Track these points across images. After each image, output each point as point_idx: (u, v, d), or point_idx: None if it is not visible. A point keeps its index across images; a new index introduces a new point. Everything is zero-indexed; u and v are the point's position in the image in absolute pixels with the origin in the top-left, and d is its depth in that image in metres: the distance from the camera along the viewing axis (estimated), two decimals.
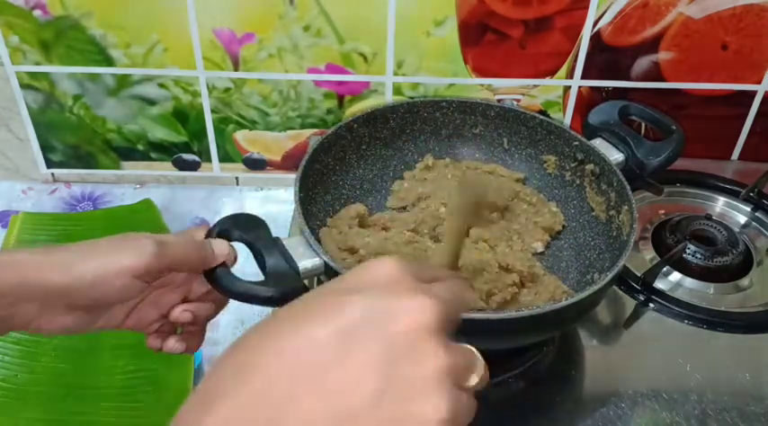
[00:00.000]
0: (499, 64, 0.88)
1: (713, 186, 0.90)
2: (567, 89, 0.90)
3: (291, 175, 0.72)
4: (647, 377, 0.69)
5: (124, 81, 0.89)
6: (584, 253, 0.74)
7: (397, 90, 0.90)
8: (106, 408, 0.70)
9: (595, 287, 0.59)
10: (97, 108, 0.92)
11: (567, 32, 0.86)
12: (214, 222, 0.59)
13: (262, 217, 0.60)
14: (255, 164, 0.97)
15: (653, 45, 0.87)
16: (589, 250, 0.74)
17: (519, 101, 0.91)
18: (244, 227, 0.58)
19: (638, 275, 0.76)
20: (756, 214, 0.87)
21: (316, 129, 0.93)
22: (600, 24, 0.85)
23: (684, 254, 0.78)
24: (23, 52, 0.87)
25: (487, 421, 0.63)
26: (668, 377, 0.68)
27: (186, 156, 0.96)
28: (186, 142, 0.95)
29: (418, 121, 0.81)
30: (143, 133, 0.94)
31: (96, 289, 0.49)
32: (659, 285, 0.76)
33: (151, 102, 0.91)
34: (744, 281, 0.78)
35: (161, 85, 0.89)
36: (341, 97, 0.91)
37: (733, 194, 0.89)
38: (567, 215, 0.78)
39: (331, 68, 0.88)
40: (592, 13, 0.84)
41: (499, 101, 0.91)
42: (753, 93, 0.92)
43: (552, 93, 0.91)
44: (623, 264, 0.61)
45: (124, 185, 0.98)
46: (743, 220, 0.87)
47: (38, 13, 0.84)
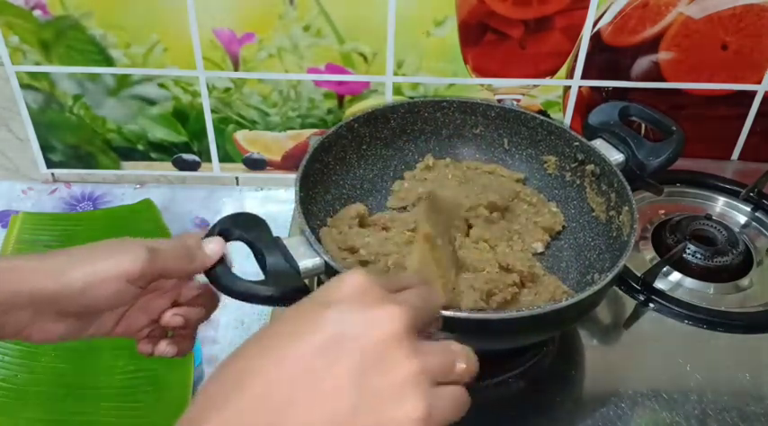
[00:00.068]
0: (499, 64, 0.88)
1: (713, 186, 0.90)
2: (567, 89, 0.90)
3: (291, 175, 0.72)
4: (647, 377, 0.69)
5: (124, 81, 0.89)
6: (585, 254, 0.74)
7: (397, 90, 0.90)
8: (106, 408, 0.70)
9: (596, 287, 0.59)
10: (97, 108, 0.92)
11: (567, 32, 0.86)
12: (214, 222, 0.59)
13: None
14: (255, 164, 0.97)
15: (653, 45, 0.87)
16: (589, 250, 0.74)
17: (519, 101, 0.91)
18: (244, 227, 0.58)
19: (639, 275, 0.76)
20: (756, 214, 0.87)
21: (316, 129, 0.93)
22: (600, 24, 0.85)
23: (684, 254, 0.78)
24: (23, 52, 0.87)
25: (488, 421, 0.64)
26: (668, 377, 0.68)
27: (186, 156, 0.96)
28: (186, 142, 0.95)
29: (419, 121, 0.81)
30: (143, 133, 0.94)
31: (86, 296, 0.48)
32: (659, 285, 0.76)
33: (151, 102, 0.91)
34: (744, 281, 0.78)
35: (161, 85, 0.89)
36: (341, 97, 0.91)
37: (733, 194, 0.89)
38: (568, 215, 0.78)
39: (331, 68, 0.88)
40: (592, 13, 0.84)
41: (499, 101, 0.91)
42: (753, 93, 0.92)
43: (552, 93, 0.91)
44: (623, 265, 0.61)
45: (124, 185, 0.98)
46: (743, 220, 0.87)
47: (38, 13, 0.84)
